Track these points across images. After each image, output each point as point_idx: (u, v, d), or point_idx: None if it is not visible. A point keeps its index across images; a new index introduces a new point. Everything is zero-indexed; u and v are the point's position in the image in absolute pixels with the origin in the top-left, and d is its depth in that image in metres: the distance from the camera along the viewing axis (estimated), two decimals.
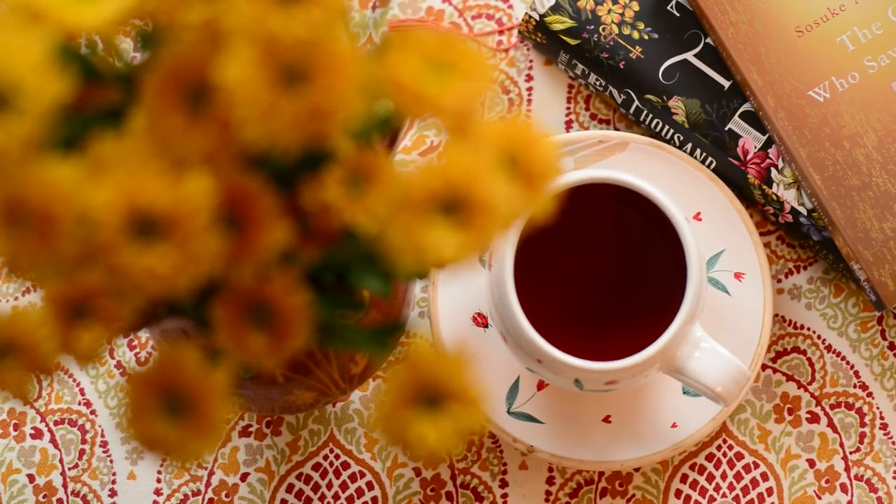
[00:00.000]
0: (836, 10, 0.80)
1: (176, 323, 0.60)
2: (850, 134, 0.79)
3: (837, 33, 0.80)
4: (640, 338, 0.74)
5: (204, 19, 0.47)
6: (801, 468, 0.82)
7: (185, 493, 0.82)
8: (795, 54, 0.80)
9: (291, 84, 0.47)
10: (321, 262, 0.53)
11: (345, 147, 0.50)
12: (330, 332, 0.56)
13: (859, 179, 0.78)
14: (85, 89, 0.51)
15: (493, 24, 0.85)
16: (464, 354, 0.51)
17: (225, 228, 0.48)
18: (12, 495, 0.83)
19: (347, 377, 0.69)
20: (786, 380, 0.82)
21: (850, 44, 0.80)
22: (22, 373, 0.50)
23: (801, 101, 0.79)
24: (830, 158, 0.79)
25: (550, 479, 0.82)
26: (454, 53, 0.50)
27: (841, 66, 0.80)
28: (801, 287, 0.83)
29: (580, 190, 0.74)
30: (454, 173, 0.49)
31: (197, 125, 0.47)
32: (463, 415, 0.50)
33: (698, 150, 0.81)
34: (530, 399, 0.80)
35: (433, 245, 0.49)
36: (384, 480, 0.82)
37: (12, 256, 0.47)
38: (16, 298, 0.84)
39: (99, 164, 0.47)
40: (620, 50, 0.81)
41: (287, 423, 0.82)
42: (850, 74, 0.79)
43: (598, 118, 0.84)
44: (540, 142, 0.51)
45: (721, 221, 0.80)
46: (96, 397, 0.83)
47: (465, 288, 0.81)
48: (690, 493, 0.82)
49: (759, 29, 0.80)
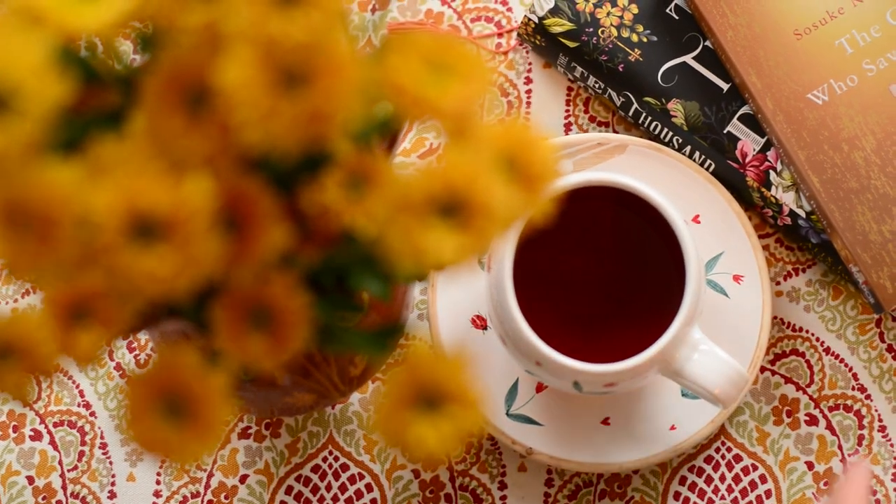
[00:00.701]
0: (835, 13, 0.81)
1: (175, 325, 0.60)
2: (849, 137, 0.79)
3: (836, 36, 0.80)
4: (638, 340, 0.74)
5: (204, 22, 0.47)
6: (799, 470, 0.82)
7: (185, 494, 0.82)
8: (794, 57, 0.80)
9: (291, 87, 0.47)
10: (321, 265, 0.53)
11: (344, 149, 0.50)
12: (329, 335, 0.56)
13: (858, 182, 0.78)
14: (85, 92, 0.51)
15: (492, 27, 0.85)
16: (463, 356, 0.51)
17: (225, 231, 0.48)
18: (11, 497, 0.83)
19: (347, 379, 0.69)
20: (784, 382, 0.82)
21: (848, 47, 0.80)
22: (21, 374, 0.50)
23: (799, 104, 0.79)
24: (829, 161, 0.79)
25: (549, 481, 0.82)
26: (453, 56, 0.50)
27: (839, 68, 0.80)
28: (799, 289, 0.83)
29: (579, 192, 0.74)
30: (453, 176, 0.49)
31: (197, 128, 0.47)
32: (462, 417, 0.50)
33: (697, 153, 0.81)
34: (529, 401, 0.80)
35: (432, 247, 0.49)
36: (383, 482, 0.82)
37: (12, 258, 0.47)
38: (15, 300, 0.84)
39: (99, 166, 0.47)
40: (619, 52, 0.81)
41: (286, 425, 0.83)
42: (848, 77, 0.80)
43: (597, 121, 0.84)
44: (539, 144, 0.51)
45: (720, 224, 0.81)
46: (96, 399, 0.83)
47: (464, 290, 0.81)
48: (689, 496, 0.82)
49: (758, 32, 0.80)
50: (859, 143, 0.79)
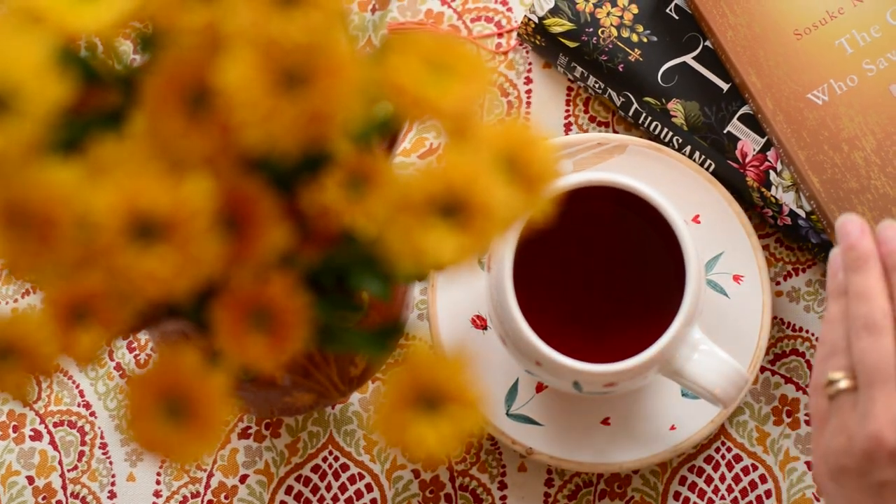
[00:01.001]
0: (835, 13, 0.81)
1: (175, 325, 0.60)
2: (849, 137, 0.79)
3: (836, 36, 0.80)
4: (638, 340, 0.74)
5: (204, 22, 0.47)
6: (799, 470, 0.82)
7: (185, 494, 0.82)
8: (794, 57, 0.80)
9: (291, 87, 0.47)
10: (320, 265, 0.53)
11: (344, 150, 0.50)
12: (329, 335, 0.56)
13: (858, 182, 0.78)
14: (85, 92, 0.51)
15: (492, 27, 0.85)
16: (463, 356, 0.51)
17: (224, 231, 0.48)
18: (11, 497, 0.83)
19: (347, 379, 0.69)
20: (784, 382, 0.82)
21: (848, 47, 0.80)
22: (21, 374, 0.50)
23: (799, 104, 0.79)
24: (829, 161, 0.79)
25: (549, 481, 0.82)
26: (453, 56, 0.50)
27: (840, 68, 0.80)
28: (799, 289, 0.83)
29: (579, 192, 0.74)
30: (453, 176, 0.49)
31: (197, 128, 0.47)
32: (462, 417, 0.50)
33: (697, 153, 0.81)
34: (529, 401, 0.80)
35: (432, 247, 0.49)
36: (383, 482, 0.82)
37: (12, 258, 0.47)
38: (15, 300, 0.84)
39: (99, 166, 0.47)
40: (619, 52, 0.81)
41: (286, 424, 0.83)
42: (848, 77, 0.80)
43: (597, 121, 0.84)
44: (539, 144, 0.51)
45: (720, 224, 0.81)
46: (96, 399, 0.83)
47: (464, 290, 0.81)
48: (689, 496, 0.82)
49: (758, 32, 0.80)
50: (859, 144, 0.79)
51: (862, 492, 0.62)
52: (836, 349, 0.64)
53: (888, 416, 0.61)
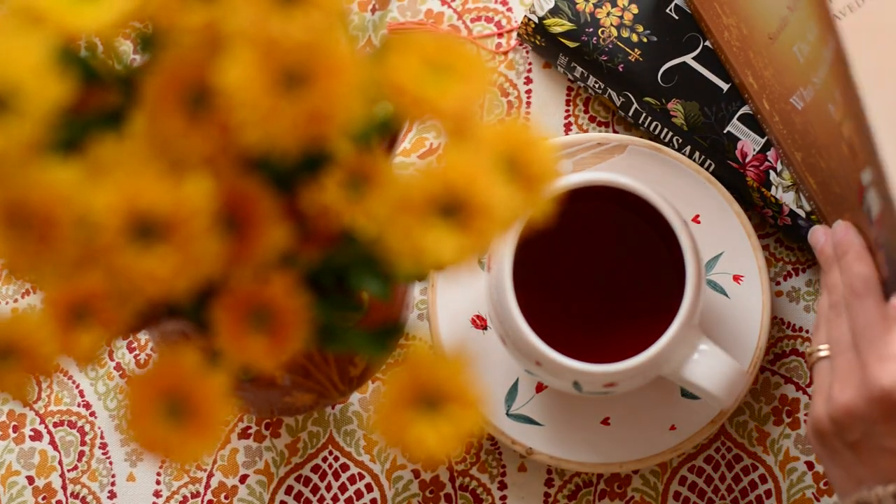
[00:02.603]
0: (786, 18, 0.78)
1: (175, 325, 0.60)
2: (825, 145, 0.77)
3: (790, 43, 0.77)
4: (638, 340, 0.74)
5: (204, 22, 0.47)
6: (799, 470, 0.82)
7: (185, 494, 0.82)
8: (773, 61, 0.79)
9: (291, 87, 0.47)
10: (320, 265, 0.53)
11: (344, 150, 0.50)
12: (329, 335, 0.56)
13: (840, 188, 0.78)
14: (85, 92, 0.51)
15: (492, 27, 0.85)
16: (463, 356, 0.51)
17: (224, 231, 0.48)
18: (11, 497, 0.83)
19: (346, 379, 0.69)
20: (784, 382, 0.82)
21: (799, 56, 0.78)
22: (21, 374, 0.50)
23: (787, 107, 0.79)
24: (818, 164, 0.78)
25: (549, 481, 0.82)
26: (453, 56, 0.50)
27: (802, 76, 0.77)
28: (799, 289, 0.83)
29: (579, 192, 0.74)
30: (453, 176, 0.49)
31: (197, 128, 0.47)
32: (462, 417, 0.51)
33: (697, 153, 0.81)
34: (529, 401, 0.80)
35: (432, 247, 0.49)
36: (383, 482, 0.82)
37: (12, 258, 0.47)
38: (15, 300, 0.84)
39: (99, 166, 0.47)
40: (619, 53, 0.81)
41: (286, 424, 0.83)
42: (809, 86, 0.77)
43: (596, 121, 0.84)
44: (539, 144, 0.51)
45: (720, 224, 0.81)
46: (96, 399, 0.83)
47: (464, 290, 0.81)
48: (689, 496, 0.82)
49: (746, 33, 0.79)
50: (829, 154, 0.77)
51: (843, 450, 0.70)
52: (818, 327, 0.74)
53: (847, 382, 0.69)
